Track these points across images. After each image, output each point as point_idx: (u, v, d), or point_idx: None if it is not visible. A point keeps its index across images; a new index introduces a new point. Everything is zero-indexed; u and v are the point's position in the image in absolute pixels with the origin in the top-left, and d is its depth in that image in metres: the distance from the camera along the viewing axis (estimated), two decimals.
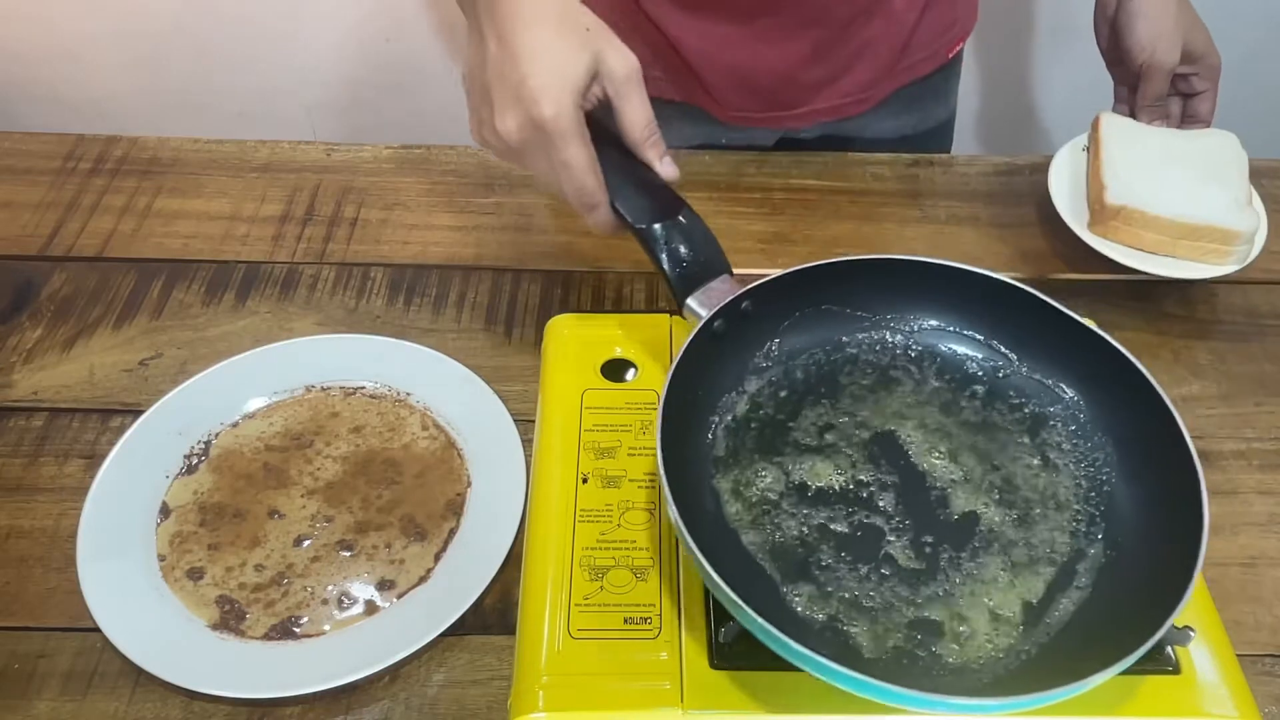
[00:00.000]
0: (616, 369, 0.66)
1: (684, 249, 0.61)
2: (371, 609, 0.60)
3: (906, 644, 0.52)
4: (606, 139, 0.60)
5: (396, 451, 0.68)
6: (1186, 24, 0.83)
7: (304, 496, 0.65)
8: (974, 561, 0.55)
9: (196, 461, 0.67)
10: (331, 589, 0.61)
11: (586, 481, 0.60)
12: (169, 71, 1.37)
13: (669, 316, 0.69)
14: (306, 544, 0.63)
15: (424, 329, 0.77)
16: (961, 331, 0.65)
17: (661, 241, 0.61)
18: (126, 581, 0.60)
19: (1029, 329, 0.62)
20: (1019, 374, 0.63)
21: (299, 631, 0.59)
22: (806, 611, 0.53)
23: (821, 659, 0.45)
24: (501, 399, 0.70)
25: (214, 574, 0.61)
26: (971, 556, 0.55)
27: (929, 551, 0.55)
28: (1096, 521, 0.57)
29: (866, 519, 0.56)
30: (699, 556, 0.47)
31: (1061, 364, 0.62)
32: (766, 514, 0.56)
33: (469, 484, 0.66)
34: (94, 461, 0.67)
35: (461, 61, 1.40)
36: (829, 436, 0.60)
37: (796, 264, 0.62)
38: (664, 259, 0.61)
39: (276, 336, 0.75)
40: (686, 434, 0.57)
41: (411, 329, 0.77)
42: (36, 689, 0.57)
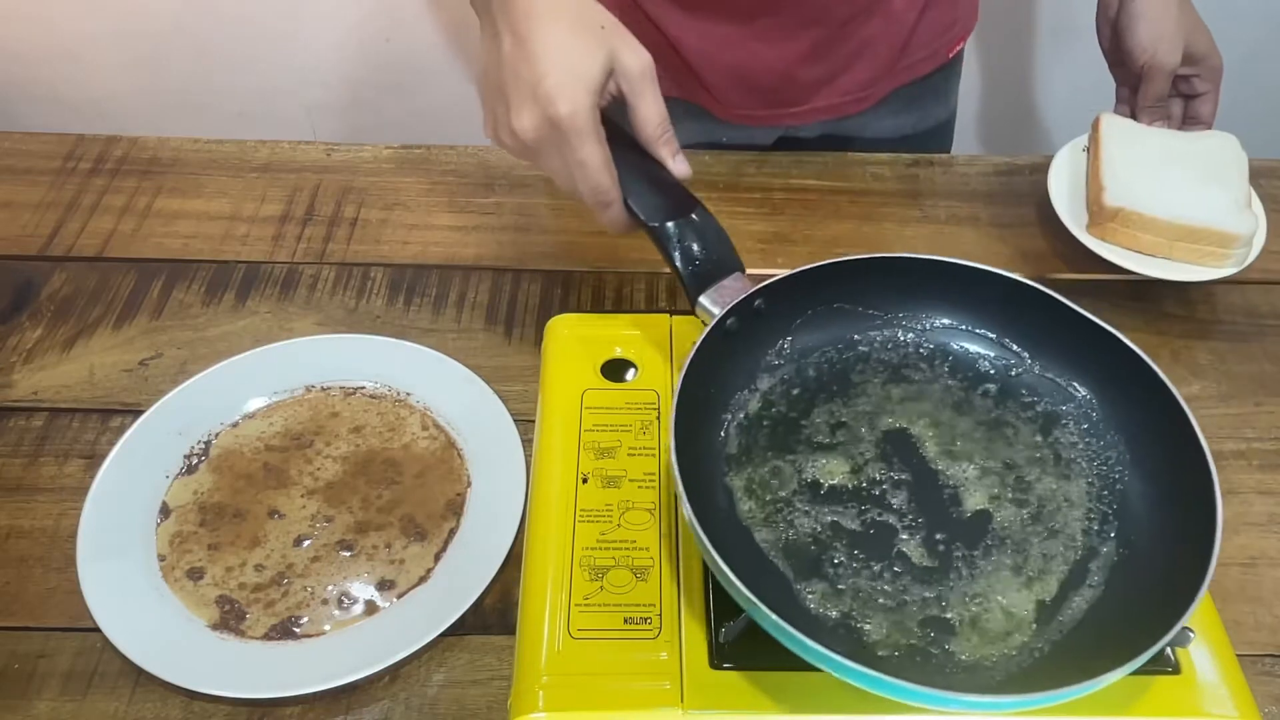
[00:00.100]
0: (616, 369, 0.66)
1: (697, 247, 0.61)
2: (371, 609, 0.60)
3: (919, 641, 0.52)
4: (619, 137, 0.60)
5: (396, 451, 0.68)
6: (1188, 25, 0.83)
7: (304, 496, 0.65)
8: (987, 559, 0.55)
9: (196, 461, 0.67)
10: (331, 589, 0.61)
11: (586, 481, 0.60)
12: (169, 71, 1.37)
13: (669, 316, 0.69)
14: (306, 544, 0.63)
15: (424, 329, 0.77)
16: (974, 330, 0.65)
17: (674, 239, 0.61)
18: (126, 581, 0.60)
19: (1041, 327, 0.62)
20: (1031, 372, 0.63)
21: (299, 631, 0.59)
22: (819, 609, 0.53)
23: (835, 656, 0.45)
24: (501, 399, 0.70)
25: (214, 574, 0.61)
26: (984, 554, 0.55)
27: (942, 549, 0.55)
28: (1109, 520, 0.57)
29: (879, 517, 0.57)
30: (713, 554, 0.48)
31: (1074, 363, 0.62)
32: (779, 512, 0.57)
33: (469, 484, 0.66)
34: (94, 461, 0.67)
35: (463, 60, 1.41)
36: (841, 434, 0.60)
37: (796, 264, 0.62)
38: (677, 257, 0.61)
39: (276, 336, 0.75)
40: (699, 432, 0.57)
41: (411, 329, 0.77)
42: (36, 689, 0.57)
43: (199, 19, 1.31)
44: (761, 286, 0.60)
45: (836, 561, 0.55)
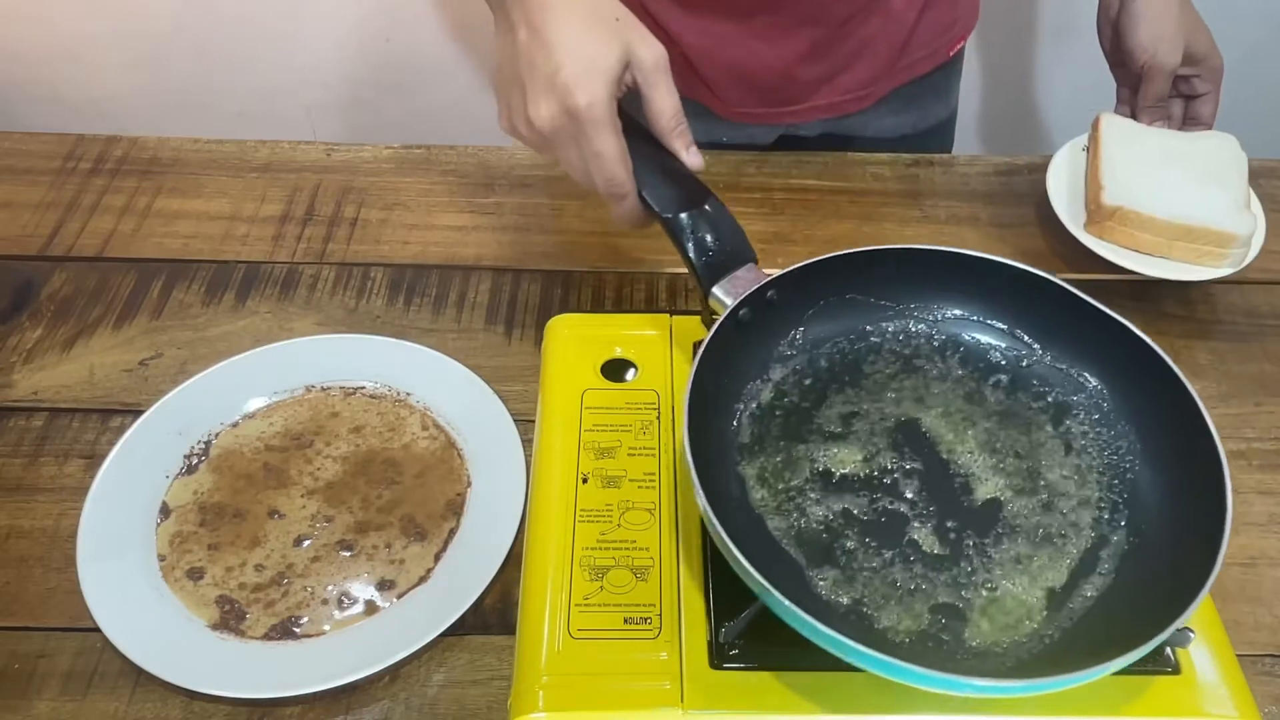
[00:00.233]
0: (616, 369, 0.66)
1: (710, 238, 0.61)
2: (371, 609, 0.60)
3: (930, 628, 0.52)
4: (632, 129, 0.61)
5: (396, 451, 0.68)
6: (1189, 26, 0.83)
7: (304, 496, 0.65)
8: (998, 547, 0.55)
9: (196, 461, 0.67)
10: (331, 589, 0.61)
11: (586, 481, 0.60)
12: (169, 71, 1.37)
13: (669, 316, 0.69)
14: (306, 544, 0.63)
15: (424, 329, 0.77)
16: (985, 321, 0.65)
17: (688, 230, 0.61)
18: (126, 581, 0.60)
19: (1053, 318, 0.63)
20: (1042, 363, 0.63)
21: (299, 631, 0.59)
22: (831, 596, 0.53)
23: (847, 640, 0.45)
24: (501, 399, 0.70)
25: (214, 574, 0.61)
26: (995, 543, 0.55)
27: (953, 537, 0.55)
28: (1120, 509, 0.57)
29: (890, 505, 0.57)
30: (726, 540, 0.48)
31: (1085, 353, 0.62)
32: (791, 500, 0.57)
33: (469, 484, 0.66)
34: (94, 461, 0.67)
35: (464, 60, 1.41)
36: (853, 424, 0.61)
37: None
38: (690, 247, 0.61)
39: (276, 336, 0.75)
40: (712, 421, 0.58)
41: (411, 329, 0.77)
42: (36, 689, 0.57)
43: (199, 19, 1.31)
44: (774, 277, 0.61)
45: (848, 549, 0.55)
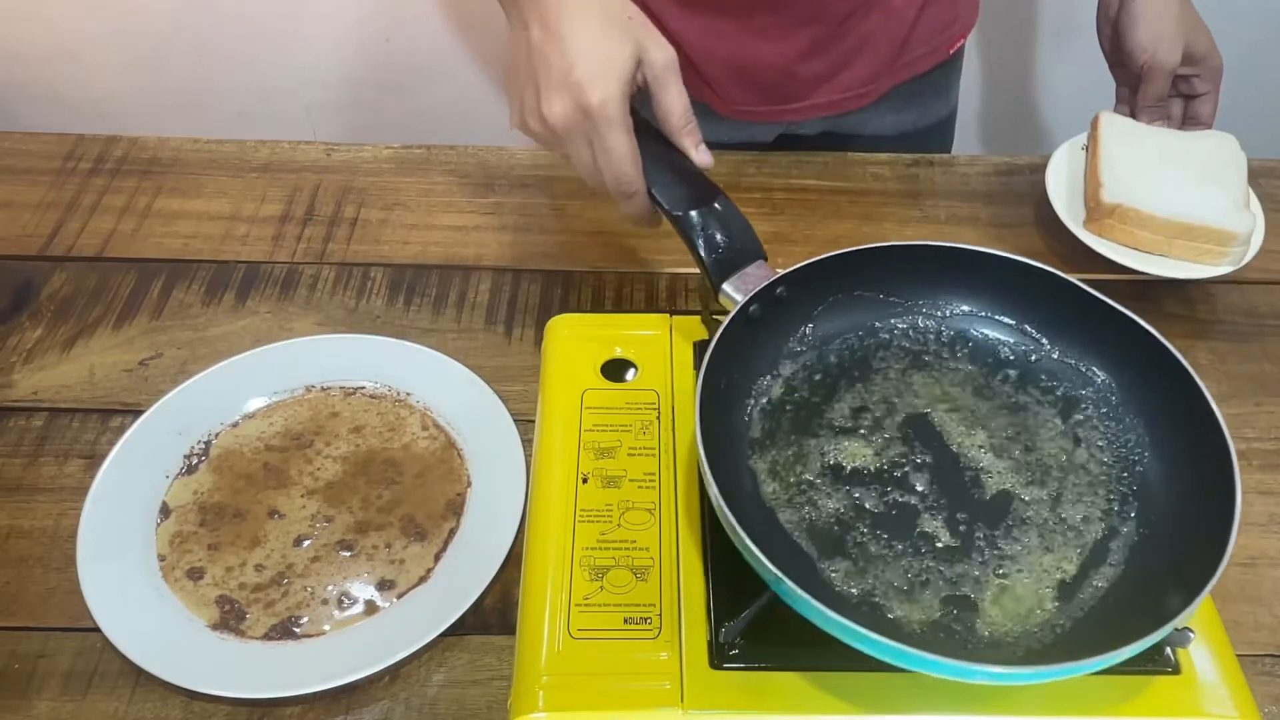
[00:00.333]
0: (616, 369, 0.66)
1: (719, 235, 0.62)
2: (371, 609, 0.60)
3: (942, 618, 0.52)
4: (641, 128, 0.61)
5: (396, 451, 0.68)
6: (1188, 25, 0.83)
7: (304, 496, 0.65)
8: (1008, 539, 0.55)
9: (196, 461, 0.67)
10: (331, 589, 0.61)
11: (586, 481, 0.60)
12: (169, 71, 1.37)
13: (669, 316, 0.69)
14: (306, 544, 0.63)
15: (424, 329, 0.77)
16: (993, 316, 0.65)
17: (698, 228, 0.62)
18: (126, 581, 0.60)
19: (1060, 313, 0.63)
20: (1050, 358, 0.64)
21: (299, 631, 0.59)
22: (843, 587, 0.53)
23: (859, 628, 0.45)
24: (501, 399, 0.70)
25: (214, 574, 0.61)
26: (1006, 534, 0.55)
27: (964, 529, 0.56)
28: (1129, 501, 0.57)
29: (901, 498, 0.57)
30: (738, 529, 0.48)
31: (1093, 348, 0.63)
32: (803, 493, 0.57)
33: (469, 484, 0.66)
34: (94, 461, 0.67)
35: (464, 61, 1.41)
36: (863, 419, 0.61)
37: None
38: (700, 245, 0.62)
39: (276, 336, 0.75)
40: (722, 416, 0.58)
41: (411, 329, 0.77)
42: (36, 689, 0.57)
43: (199, 19, 1.31)
44: (783, 274, 0.61)
45: (860, 541, 0.55)
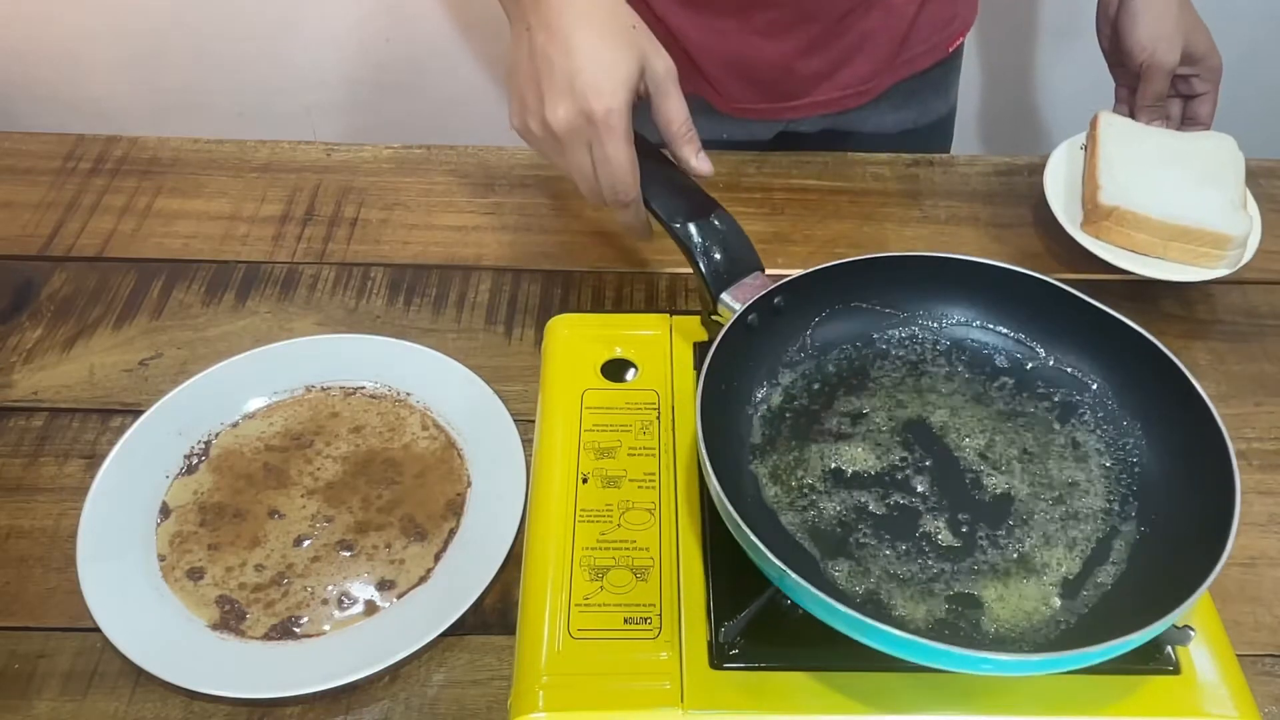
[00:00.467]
0: (616, 369, 0.66)
1: (717, 247, 0.63)
2: (371, 609, 0.60)
3: (947, 616, 0.52)
4: (639, 140, 0.62)
5: (396, 451, 0.68)
6: (1188, 25, 0.83)
7: (304, 496, 0.65)
8: (1011, 538, 0.56)
9: (196, 461, 0.67)
10: (331, 589, 0.61)
11: (586, 481, 0.60)
12: (169, 71, 1.37)
13: (669, 316, 0.69)
14: (306, 544, 0.63)
15: (424, 329, 0.77)
16: (989, 325, 0.66)
17: (696, 240, 0.63)
18: (126, 581, 0.60)
19: (1056, 321, 0.63)
20: (1046, 365, 0.64)
21: (299, 631, 0.59)
22: (847, 586, 0.53)
23: (867, 620, 0.45)
24: (501, 399, 0.70)
25: (214, 574, 0.61)
26: (1008, 533, 0.56)
27: (966, 530, 0.56)
28: (1130, 501, 0.57)
29: (903, 500, 0.57)
30: (743, 527, 0.48)
31: (1088, 353, 0.63)
32: (805, 496, 0.57)
33: (469, 484, 0.66)
34: (94, 461, 0.67)
35: (464, 61, 1.41)
36: (863, 424, 0.61)
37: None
38: (698, 256, 0.63)
39: (276, 336, 0.75)
40: (723, 422, 0.58)
41: (411, 329, 0.77)
42: (36, 689, 0.57)
43: (199, 18, 1.31)
44: (781, 284, 0.62)
45: (862, 542, 0.55)
